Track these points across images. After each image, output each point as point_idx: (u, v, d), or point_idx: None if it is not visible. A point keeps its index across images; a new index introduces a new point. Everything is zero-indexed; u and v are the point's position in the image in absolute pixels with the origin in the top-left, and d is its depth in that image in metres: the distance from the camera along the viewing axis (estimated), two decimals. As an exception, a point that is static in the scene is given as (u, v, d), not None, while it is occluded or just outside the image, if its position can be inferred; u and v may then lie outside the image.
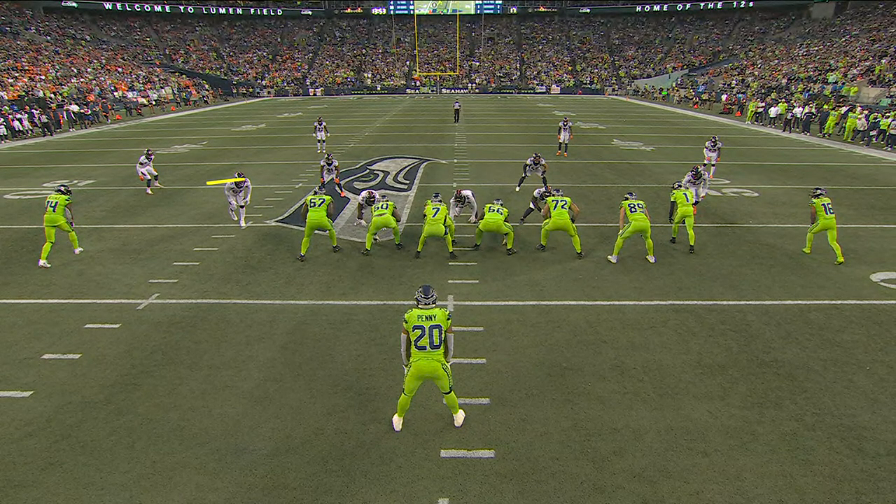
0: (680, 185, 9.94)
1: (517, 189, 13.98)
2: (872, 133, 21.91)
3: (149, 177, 13.93)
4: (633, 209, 8.81)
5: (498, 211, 9.32)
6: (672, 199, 9.54)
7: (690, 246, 9.42)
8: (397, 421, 4.94)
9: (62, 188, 9.34)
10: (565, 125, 18.99)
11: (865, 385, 5.60)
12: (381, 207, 9.47)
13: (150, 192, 14.05)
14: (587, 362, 6.04)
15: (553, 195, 9.56)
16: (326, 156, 13.62)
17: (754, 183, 15.02)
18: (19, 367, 5.97)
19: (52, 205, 8.98)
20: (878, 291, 7.90)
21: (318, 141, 19.64)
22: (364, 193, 10.51)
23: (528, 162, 13.35)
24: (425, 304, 4.72)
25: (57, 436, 4.86)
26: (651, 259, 9.06)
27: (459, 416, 5.01)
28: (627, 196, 9.13)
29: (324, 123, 19.63)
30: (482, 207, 9.98)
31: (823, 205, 8.90)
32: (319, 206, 9.10)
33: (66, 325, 6.93)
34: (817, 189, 9.18)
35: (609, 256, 9.16)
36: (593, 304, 7.51)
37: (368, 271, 8.74)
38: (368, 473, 4.41)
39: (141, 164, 13.78)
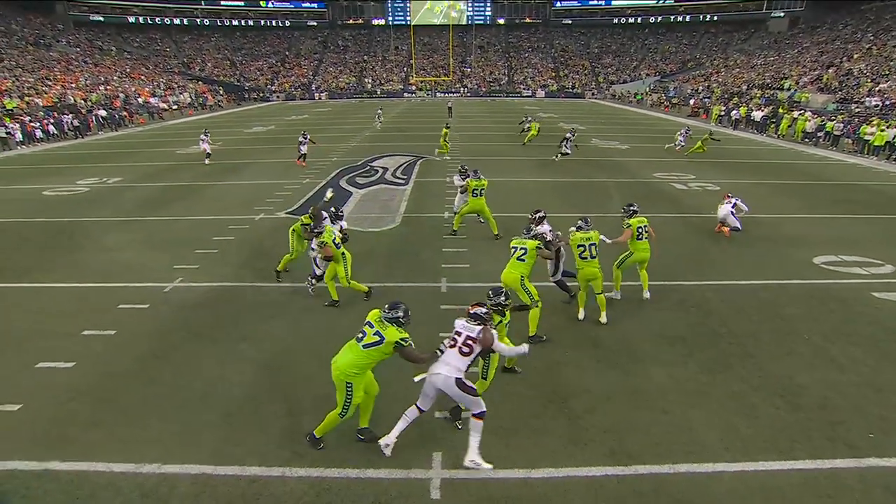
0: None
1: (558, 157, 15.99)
2: (819, 135, 22.11)
3: (305, 151, 16.50)
4: (640, 235, 6.80)
5: (482, 193, 9.23)
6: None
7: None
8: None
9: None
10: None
11: (804, 352, 5.79)
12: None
13: (303, 164, 16.44)
14: (565, 335, 6.18)
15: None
16: (302, 132, 16.88)
17: (716, 178, 15.16)
18: (63, 341, 6.07)
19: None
20: (817, 272, 8.11)
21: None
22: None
23: (568, 135, 16.13)
24: (584, 228, 6.40)
25: (98, 400, 4.99)
26: (646, 295, 7.07)
27: (603, 317, 6.42)
28: (633, 211, 6.97)
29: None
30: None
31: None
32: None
33: (102, 305, 7.01)
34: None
35: (612, 294, 7.03)
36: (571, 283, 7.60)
37: (369, 255, 8.82)
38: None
39: (300, 143, 16.54)
